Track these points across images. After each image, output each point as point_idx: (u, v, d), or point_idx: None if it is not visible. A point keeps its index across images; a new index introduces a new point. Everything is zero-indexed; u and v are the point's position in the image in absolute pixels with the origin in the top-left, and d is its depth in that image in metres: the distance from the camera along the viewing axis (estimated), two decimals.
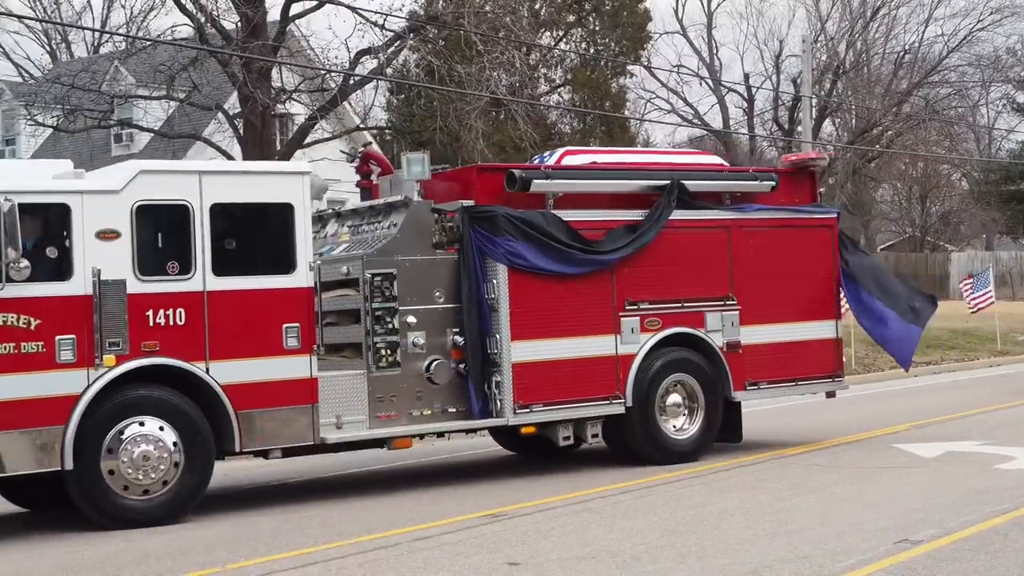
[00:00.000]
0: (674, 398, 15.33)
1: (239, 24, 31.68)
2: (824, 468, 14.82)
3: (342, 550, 10.78)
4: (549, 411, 14.45)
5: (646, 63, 58.30)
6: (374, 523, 12.06)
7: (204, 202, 12.76)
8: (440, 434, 15.19)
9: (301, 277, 13.17)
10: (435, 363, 13.89)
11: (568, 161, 15.79)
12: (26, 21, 61.25)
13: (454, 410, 14.09)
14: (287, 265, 13.14)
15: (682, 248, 15.36)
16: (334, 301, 14.08)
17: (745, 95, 64.18)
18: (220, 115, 34.71)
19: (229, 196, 13.01)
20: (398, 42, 32.52)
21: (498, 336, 14.09)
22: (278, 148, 34.04)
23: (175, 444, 12.39)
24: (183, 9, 32.18)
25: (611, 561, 9.92)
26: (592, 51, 53.90)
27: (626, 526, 11.46)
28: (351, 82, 33.13)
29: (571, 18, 51.57)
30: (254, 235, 13.30)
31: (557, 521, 11.89)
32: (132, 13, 58.04)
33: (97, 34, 59.12)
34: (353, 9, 30.45)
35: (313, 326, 13.21)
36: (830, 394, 17.14)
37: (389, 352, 13.68)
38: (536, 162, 16.39)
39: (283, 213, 13.18)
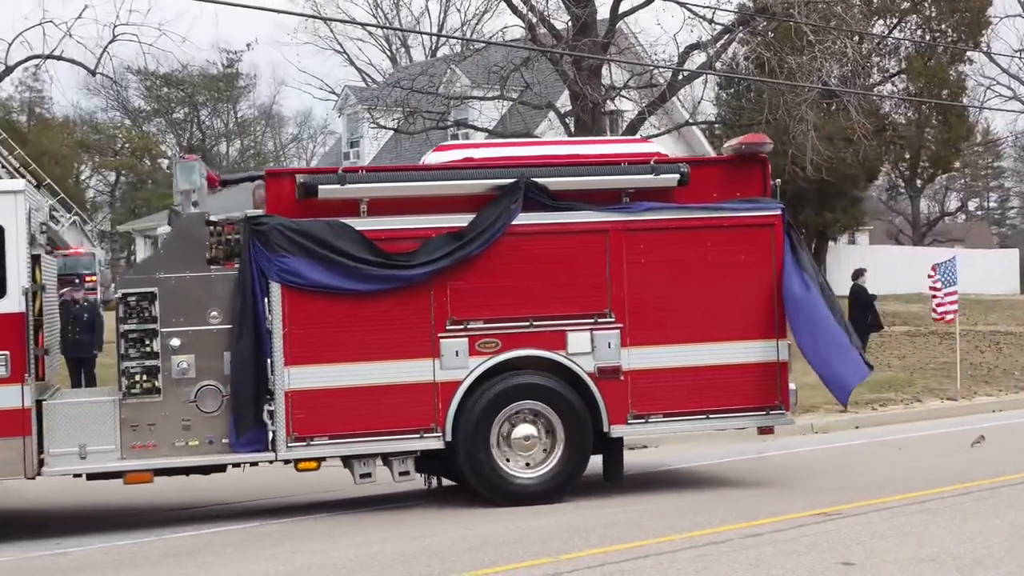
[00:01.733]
0: (525, 430, 13.14)
1: (569, 23, 32.16)
2: None
3: (674, 544, 10.80)
4: (335, 445, 12.74)
5: (985, 49, 56.06)
6: (705, 518, 12.05)
7: None
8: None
9: (12, 302, 12.21)
10: (201, 389, 12.52)
11: (436, 157, 13.81)
12: (368, 28, 63.99)
13: (227, 441, 12.59)
14: None
15: (536, 257, 13.08)
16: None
17: None
18: (551, 113, 35.34)
19: None
20: (727, 35, 32.33)
21: (271, 361, 12.54)
22: None
23: None
24: (515, 11, 32.88)
25: (951, 564, 9.61)
26: (928, 38, 52.16)
27: (967, 528, 11.08)
28: (680, 77, 33.13)
29: (905, 4, 50.00)
30: None
31: (894, 521, 11.59)
32: (466, 16, 59.82)
33: (434, 38, 61.19)
34: (682, 4, 30.43)
35: (24, 353, 12.20)
36: (764, 430, 14.31)
37: (145, 377, 12.42)
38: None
39: None
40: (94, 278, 42.04)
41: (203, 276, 12.62)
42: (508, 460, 13.15)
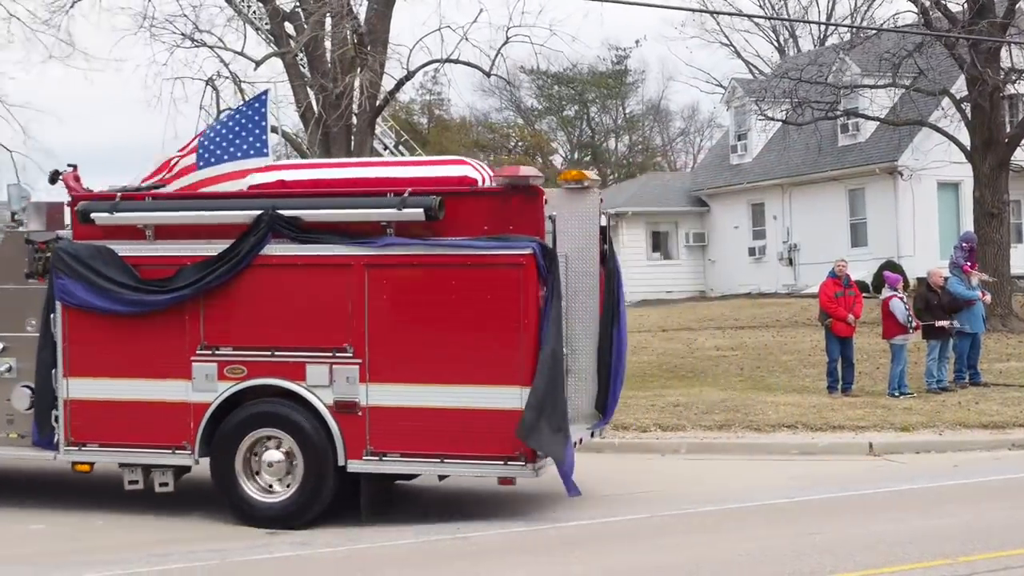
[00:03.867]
0: (270, 456, 13.14)
1: (965, 5, 31.08)
2: None
3: None
4: (104, 453, 13.63)
5: None
6: None
7: None
8: None
9: None
10: (19, 389, 13.84)
11: (254, 179, 13.66)
12: (755, 20, 63.66)
13: (33, 438, 13.90)
14: None
15: (282, 289, 13.04)
16: None
17: None
18: (946, 100, 34.21)
19: None
20: None
21: (55, 371, 13.59)
22: (1007, 131, 33.02)
23: None
24: None
25: None
26: None
27: None
28: None
29: None
30: None
31: None
32: (856, 3, 58.62)
33: (823, 27, 60.26)
34: None
35: None
36: (504, 480, 12.81)
37: None
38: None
39: None
40: None
41: (22, 289, 14.00)
42: (259, 484, 13.28)
